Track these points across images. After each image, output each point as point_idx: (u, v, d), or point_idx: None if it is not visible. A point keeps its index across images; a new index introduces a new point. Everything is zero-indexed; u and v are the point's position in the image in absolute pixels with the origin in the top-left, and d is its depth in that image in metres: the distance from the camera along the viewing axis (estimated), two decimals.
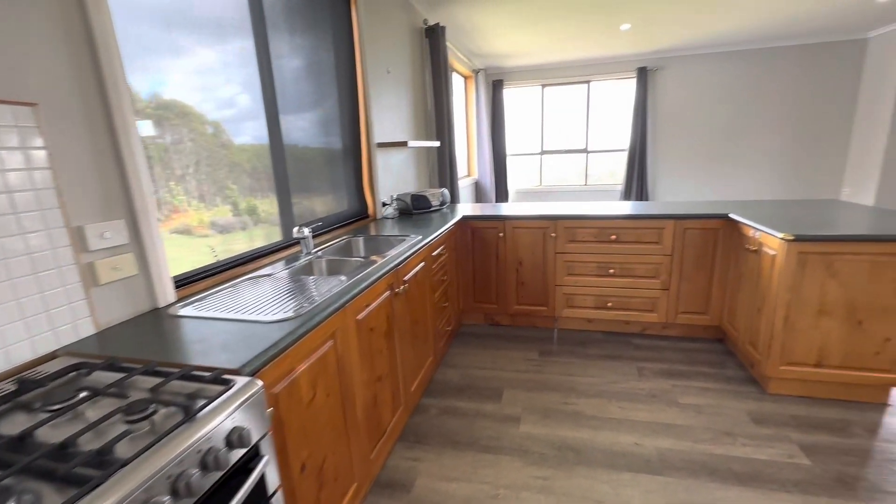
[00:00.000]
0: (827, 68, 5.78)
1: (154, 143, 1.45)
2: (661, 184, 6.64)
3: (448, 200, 3.35)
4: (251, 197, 1.94)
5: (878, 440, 1.84)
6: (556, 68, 6.58)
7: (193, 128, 1.63)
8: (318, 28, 2.32)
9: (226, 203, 1.81)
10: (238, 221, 1.88)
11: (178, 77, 1.54)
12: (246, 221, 1.92)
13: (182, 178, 1.58)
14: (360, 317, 1.50)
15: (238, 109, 1.84)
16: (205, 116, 1.68)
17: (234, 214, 1.85)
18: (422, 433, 2.02)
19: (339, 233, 2.47)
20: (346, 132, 2.64)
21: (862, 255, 1.91)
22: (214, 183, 1.74)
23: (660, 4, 4.03)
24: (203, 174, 1.68)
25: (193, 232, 1.67)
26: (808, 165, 6.11)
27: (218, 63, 1.69)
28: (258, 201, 1.97)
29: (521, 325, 3.16)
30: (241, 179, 1.87)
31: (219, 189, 1.76)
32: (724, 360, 2.53)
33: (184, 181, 1.59)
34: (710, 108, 6.23)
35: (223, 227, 1.82)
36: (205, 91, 1.66)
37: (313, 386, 1.19)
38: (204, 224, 1.72)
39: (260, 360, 0.96)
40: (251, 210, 1.95)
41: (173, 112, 1.53)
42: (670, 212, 2.65)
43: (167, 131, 1.51)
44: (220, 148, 1.76)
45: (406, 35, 3.44)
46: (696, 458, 1.78)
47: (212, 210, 1.74)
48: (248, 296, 1.42)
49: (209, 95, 1.68)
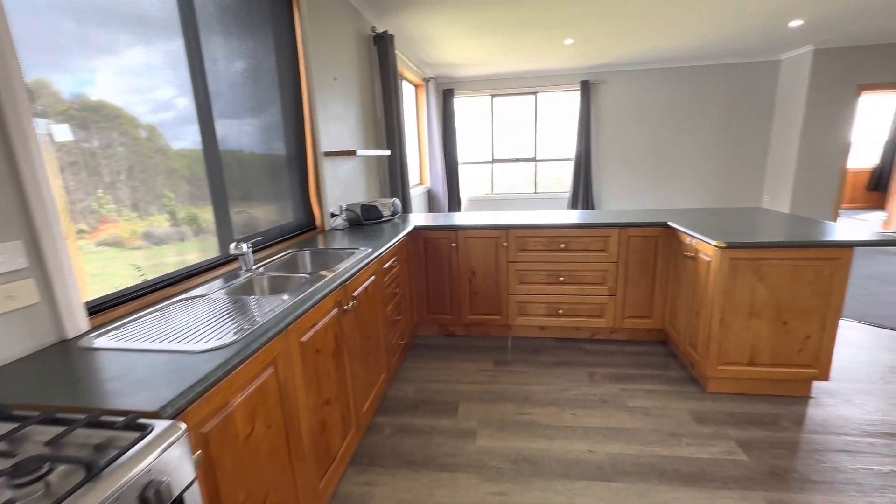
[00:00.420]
0: (747, 86, 6.33)
1: (79, 147, 1.30)
2: (606, 192, 6.95)
3: (400, 210, 3.29)
4: (191, 206, 1.80)
5: (805, 432, 1.98)
6: (505, 79, 6.74)
7: (125, 131, 1.50)
8: (257, 31, 2.20)
9: (162, 212, 1.66)
10: (176, 232, 1.73)
11: (106, 77, 1.39)
12: (185, 232, 1.77)
13: (112, 185, 1.44)
14: (305, 338, 1.40)
15: (176, 113, 1.70)
16: (138, 119, 1.54)
17: (171, 224, 1.70)
18: (375, 455, 1.94)
19: (284, 246, 2.34)
20: (290, 140, 2.52)
21: (784, 261, 2.07)
22: (150, 191, 1.60)
23: (598, 22, 4.23)
24: (136, 181, 1.54)
25: (125, 244, 1.53)
26: (733, 175, 6.64)
27: (148, 63, 1.55)
28: (199, 210, 1.83)
29: (475, 335, 3.15)
30: (179, 187, 1.73)
31: (154, 197, 1.62)
32: (668, 362, 2.65)
33: (114, 189, 1.45)
34: (646, 121, 6.62)
35: (160, 238, 1.67)
36: (138, 92, 1.52)
37: (251, 419, 1.09)
38: (137, 235, 1.58)
39: (186, 397, 0.86)
40: (191, 219, 1.80)
41: (101, 114, 1.39)
42: (614, 220, 2.75)
43: (94, 135, 1.36)
44: (155, 153, 1.62)
45: (353, 42, 3.36)
46: (645, 462, 1.82)
47: (146, 220, 1.59)
48: (177, 321, 1.29)
49: (143, 97, 1.54)
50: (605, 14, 3.98)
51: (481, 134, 7.14)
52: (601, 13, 3.94)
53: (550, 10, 3.83)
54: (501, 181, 7.31)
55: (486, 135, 7.11)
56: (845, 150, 5.81)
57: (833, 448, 1.87)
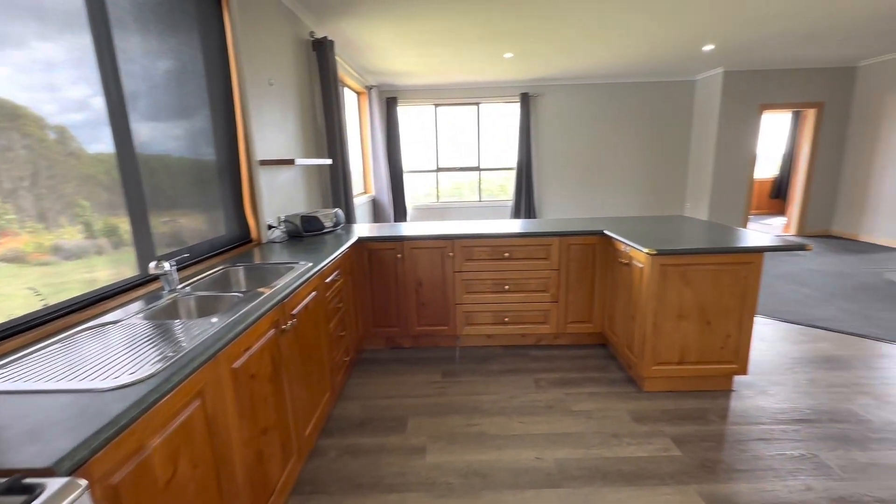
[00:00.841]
0: (669, 103, 6.89)
1: None
2: (547, 201, 7.22)
3: (343, 221, 3.19)
4: (110, 216, 1.61)
5: (729, 424, 2.14)
6: (448, 89, 6.82)
7: (29, 132, 1.33)
8: (181, 31, 2.04)
9: (76, 223, 1.48)
10: (93, 245, 1.55)
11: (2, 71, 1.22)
12: (103, 245, 1.59)
13: (13, 192, 1.26)
14: (238, 364, 1.29)
15: (91, 113, 1.54)
16: (45, 120, 1.37)
17: (86, 237, 1.52)
18: (320, 481, 1.83)
19: (215, 262, 2.17)
20: (221, 147, 2.35)
21: (707, 266, 2.24)
22: (59, 199, 1.42)
23: (535, 38, 4.40)
24: (43, 188, 1.36)
25: (28, 259, 1.34)
26: (660, 184, 7.18)
27: (48, 60, 1.37)
28: (120, 220, 1.65)
29: (423, 346, 3.11)
30: (97, 195, 1.56)
31: (66, 206, 1.44)
32: (608, 364, 2.77)
33: (15, 197, 1.27)
34: (581, 134, 6.99)
35: (71, 252, 1.49)
36: (44, 90, 1.35)
37: (173, 460, 0.98)
38: (44, 249, 1.39)
39: (88, 447, 0.75)
40: (110, 231, 1.62)
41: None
42: (555, 229, 2.85)
43: None
44: (67, 157, 1.44)
45: (291, 47, 3.23)
46: (590, 465, 1.88)
47: (55, 232, 1.41)
48: (86, 353, 1.14)
49: (51, 96, 1.37)
50: (541, 31, 4.16)
51: (426, 142, 7.16)
52: (537, 29, 4.11)
53: (489, 24, 3.93)
54: (448, 189, 7.37)
55: (431, 143, 7.14)
56: (752, 162, 6.48)
57: (753, 437, 2.03)
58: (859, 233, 6.20)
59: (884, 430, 2.05)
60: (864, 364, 2.68)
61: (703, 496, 1.69)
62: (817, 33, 4.47)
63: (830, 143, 6.41)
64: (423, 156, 7.20)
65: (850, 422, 2.12)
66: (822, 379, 2.52)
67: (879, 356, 2.78)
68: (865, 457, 1.88)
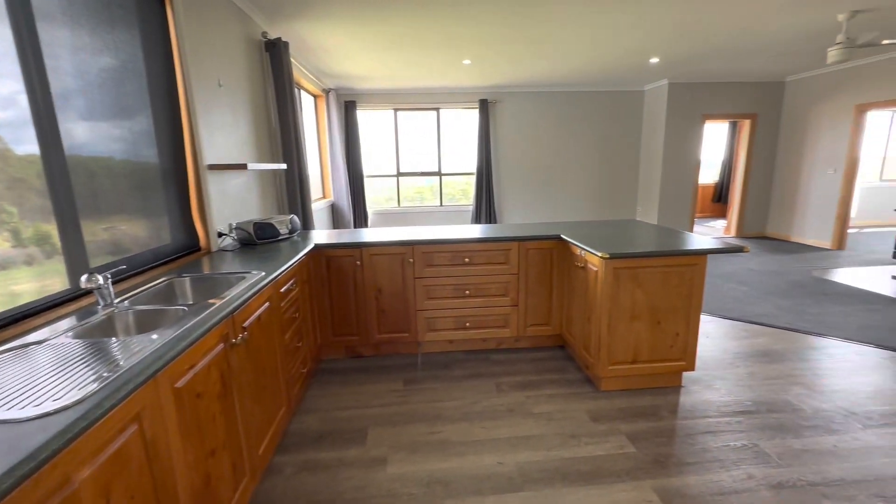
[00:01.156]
0: (620, 111, 7.20)
1: None
2: (507, 206, 7.34)
3: (299, 227, 3.09)
4: (42, 223, 1.48)
5: (679, 419, 2.24)
6: (408, 94, 6.80)
7: None
8: (118, 27, 1.91)
9: (0, 230, 1.34)
10: (22, 254, 1.41)
11: None
12: (34, 254, 1.45)
13: None
14: (181, 383, 1.21)
15: (19, 112, 1.41)
16: None
17: (14, 245, 1.38)
18: (275, 500, 1.75)
19: (158, 272, 2.04)
20: (165, 151, 2.22)
21: (656, 268, 2.34)
22: None
23: (491, 46, 4.48)
24: None
25: None
26: (613, 189, 7.48)
27: None
28: (52, 227, 1.51)
29: (385, 354, 3.06)
30: (27, 199, 1.42)
31: None
32: (566, 366, 2.84)
33: None
34: (538, 140, 7.17)
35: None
36: None
37: (105, 493, 0.90)
38: None
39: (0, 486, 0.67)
40: (41, 239, 1.48)
41: None
42: (514, 234, 2.89)
43: None
44: None
45: (242, 47, 3.11)
46: (550, 467, 1.90)
47: None
48: (3, 378, 1.03)
49: None
50: (497, 38, 4.23)
51: (386, 147, 7.10)
52: (492, 36, 4.17)
53: (445, 30, 3.95)
54: (410, 193, 7.33)
55: (391, 148, 7.09)
56: (696, 169, 6.88)
57: (700, 431, 2.14)
58: (791, 234, 6.73)
59: (815, 418, 2.22)
60: (797, 356, 2.90)
61: (657, 490, 1.75)
62: (750, 50, 4.82)
63: (764, 151, 6.93)
64: (384, 160, 7.14)
65: (785, 411, 2.28)
66: (760, 372, 2.70)
67: (810, 348, 3.01)
68: (799, 444, 2.02)
